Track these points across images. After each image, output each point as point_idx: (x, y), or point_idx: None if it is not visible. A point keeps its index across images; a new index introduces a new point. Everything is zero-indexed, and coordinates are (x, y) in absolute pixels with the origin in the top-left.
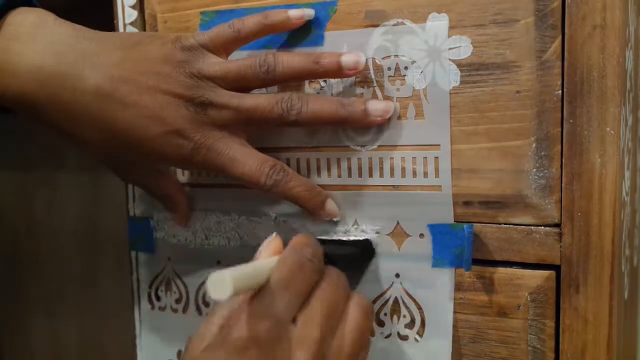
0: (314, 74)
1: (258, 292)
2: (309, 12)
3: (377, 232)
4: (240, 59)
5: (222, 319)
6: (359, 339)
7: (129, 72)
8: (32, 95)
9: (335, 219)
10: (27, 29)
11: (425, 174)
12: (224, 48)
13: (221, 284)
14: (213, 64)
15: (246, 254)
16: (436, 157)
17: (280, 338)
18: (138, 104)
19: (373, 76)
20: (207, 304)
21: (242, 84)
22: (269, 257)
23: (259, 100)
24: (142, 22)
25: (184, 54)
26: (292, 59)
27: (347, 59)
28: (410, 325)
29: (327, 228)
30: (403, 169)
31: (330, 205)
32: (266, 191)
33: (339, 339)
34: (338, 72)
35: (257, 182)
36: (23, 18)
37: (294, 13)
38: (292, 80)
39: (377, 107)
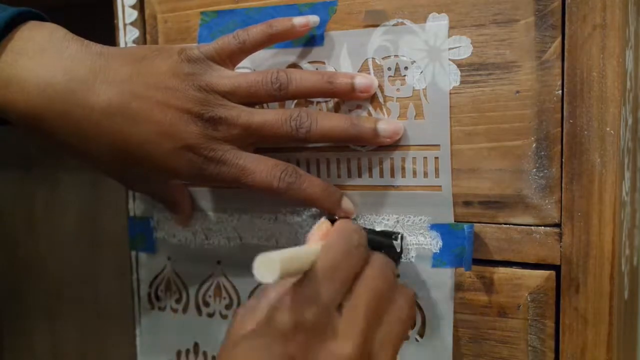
0: (326, 94)
1: (304, 278)
2: (314, 20)
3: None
4: (251, 73)
5: (268, 304)
6: (404, 330)
7: (138, 87)
8: (40, 112)
9: (351, 217)
10: (37, 44)
11: (425, 174)
12: (230, 59)
13: (268, 266)
14: (222, 77)
15: (246, 253)
16: (436, 157)
17: (326, 325)
18: (149, 120)
19: (373, 76)
20: (207, 304)
21: (251, 99)
22: (317, 242)
23: (268, 116)
24: (142, 22)
25: (191, 66)
26: (305, 77)
27: (361, 82)
28: (411, 325)
29: None
30: (403, 169)
31: (346, 203)
32: (281, 195)
33: (385, 329)
34: (350, 93)
35: (270, 187)
36: (33, 33)
37: (298, 21)
38: (303, 98)
39: (387, 128)
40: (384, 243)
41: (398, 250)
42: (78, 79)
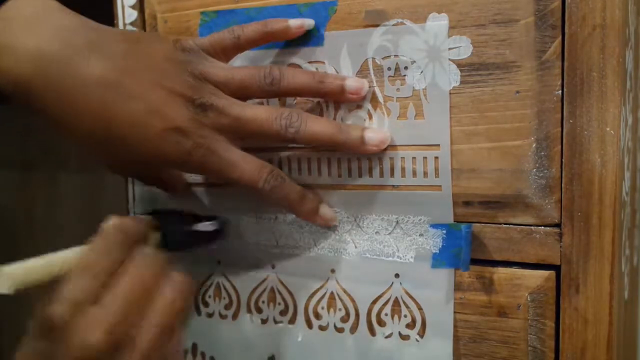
0: (316, 93)
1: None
2: (309, 22)
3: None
4: (244, 67)
5: None
6: (168, 316)
7: (132, 65)
8: (31, 79)
9: (332, 224)
10: (31, 13)
11: (425, 174)
12: (223, 53)
13: (1, 279)
14: (216, 68)
15: (246, 253)
16: (436, 157)
17: (74, 320)
18: (141, 98)
19: (373, 76)
20: (206, 304)
21: (243, 92)
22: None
23: (259, 112)
24: (142, 22)
25: (185, 54)
26: (297, 75)
27: (351, 84)
28: (411, 325)
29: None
30: (403, 169)
31: (324, 210)
32: (263, 195)
33: (149, 317)
34: (340, 94)
35: (254, 186)
36: (26, 3)
37: (293, 23)
38: (294, 95)
39: (374, 137)
40: (184, 230)
41: (208, 234)
42: (72, 48)
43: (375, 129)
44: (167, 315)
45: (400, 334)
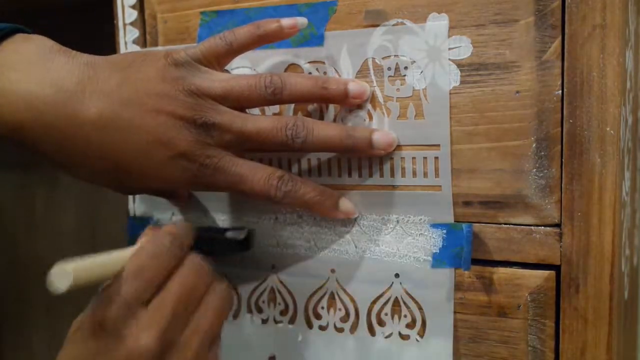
0: (320, 99)
1: (112, 280)
2: (302, 21)
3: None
4: (243, 77)
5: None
6: (214, 323)
7: (129, 95)
8: (27, 125)
9: (354, 217)
10: (24, 56)
11: (425, 174)
12: (217, 61)
13: (61, 275)
14: (213, 80)
15: (246, 254)
16: (436, 157)
17: (127, 321)
18: (141, 129)
19: (373, 76)
20: None
21: (244, 103)
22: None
23: (263, 124)
24: (142, 22)
25: (178, 70)
26: (299, 82)
27: (354, 87)
28: (411, 325)
29: (333, 227)
30: (403, 169)
31: (344, 204)
32: (277, 203)
33: (195, 321)
34: (344, 98)
35: (267, 196)
36: (20, 46)
37: (286, 22)
38: (297, 103)
39: (381, 140)
40: (216, 238)
41: (237, 242)
42: (66, 91)
43: (382, 131)
44: (213, 322)
45: (400, 333)
